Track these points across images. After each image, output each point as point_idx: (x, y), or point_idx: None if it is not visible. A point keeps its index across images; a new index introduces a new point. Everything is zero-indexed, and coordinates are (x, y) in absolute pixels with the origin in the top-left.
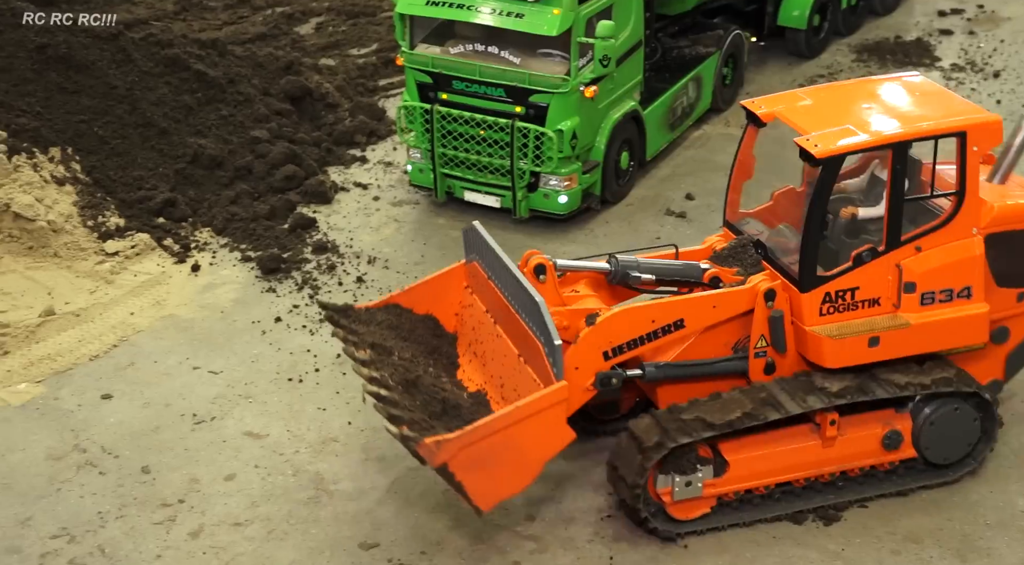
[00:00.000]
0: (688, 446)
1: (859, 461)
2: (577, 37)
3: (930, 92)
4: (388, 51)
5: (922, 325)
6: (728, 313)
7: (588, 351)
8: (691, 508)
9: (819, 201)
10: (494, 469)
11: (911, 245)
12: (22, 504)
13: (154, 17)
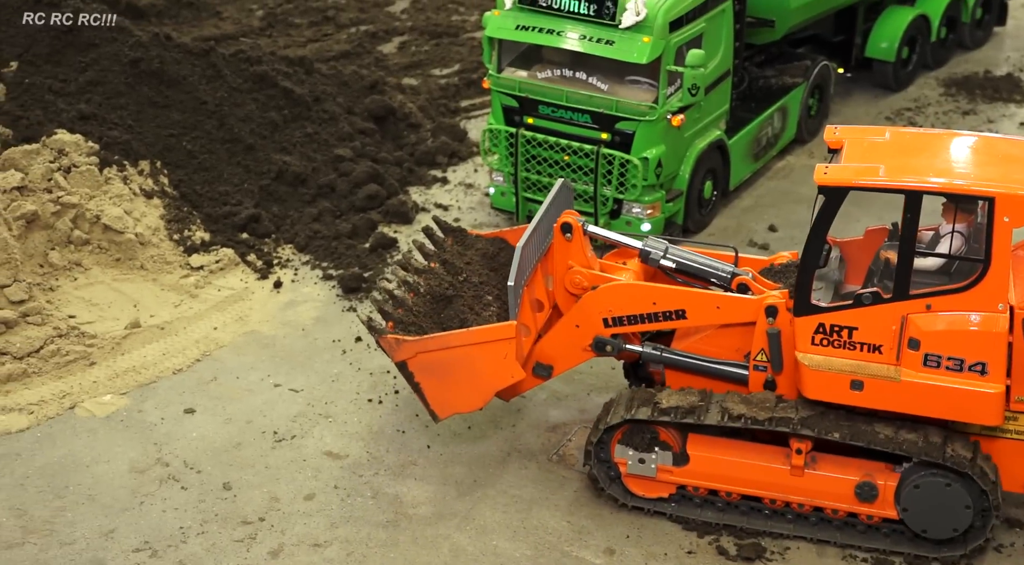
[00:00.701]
0: (648, 425)
1: (829, 501)
2: (667, 65)
3: (1016, 158)
4: (470, 72)
5: (916, 385)
6: (731, 318)
7: (588, 312)
8: (650, 487)
9: (817, 229)
10: (449, 381)
11: (921, 301)
12: (106, 516)
13: (240, 33)
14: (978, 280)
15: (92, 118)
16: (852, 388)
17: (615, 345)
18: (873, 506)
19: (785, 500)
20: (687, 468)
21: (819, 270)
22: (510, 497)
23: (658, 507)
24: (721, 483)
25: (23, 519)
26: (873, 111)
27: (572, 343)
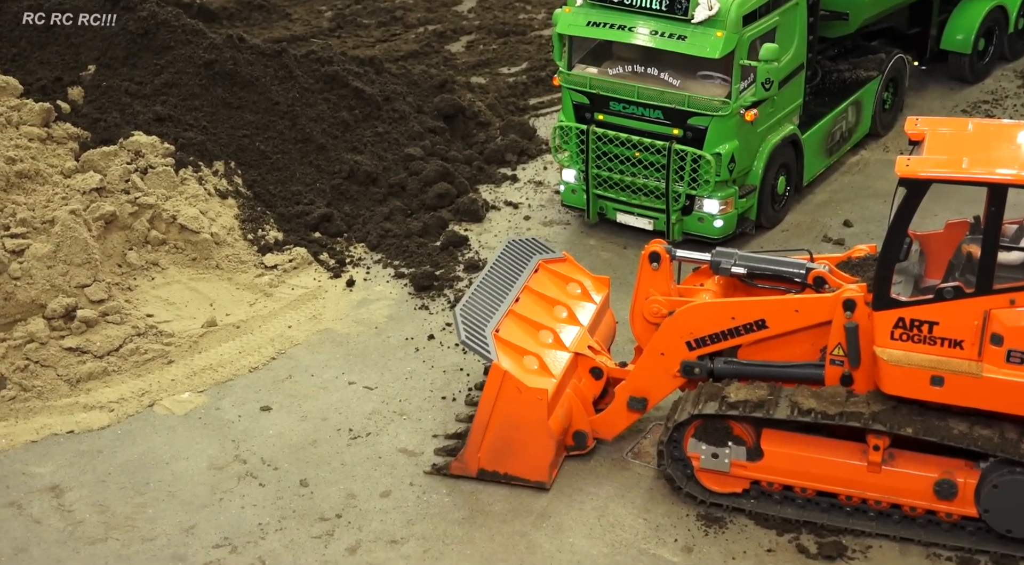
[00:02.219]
0: (723, 420)
1: (908, 498)
2: (739, 60)
3: None
4: (538, 70)
5: (998, 381)
6: (811, 320)
7: (669, 339)
8: (723, 482)
9: (898, 222)
10: (515, 449)
11: (1005, 296)
12: (186, 512)
13: (310, 34)
14: None
15: (168, 120)
16: (932, 384)
17: (703, 367)
18: (953, 504)
19: (862, 497)
20: (761, 463)
21: (898, 264)
22: (586, 494)
23: (733, 502)
24: (796, 479)
25: (105, 515)
26: (949, 104)
27: (661, 372)
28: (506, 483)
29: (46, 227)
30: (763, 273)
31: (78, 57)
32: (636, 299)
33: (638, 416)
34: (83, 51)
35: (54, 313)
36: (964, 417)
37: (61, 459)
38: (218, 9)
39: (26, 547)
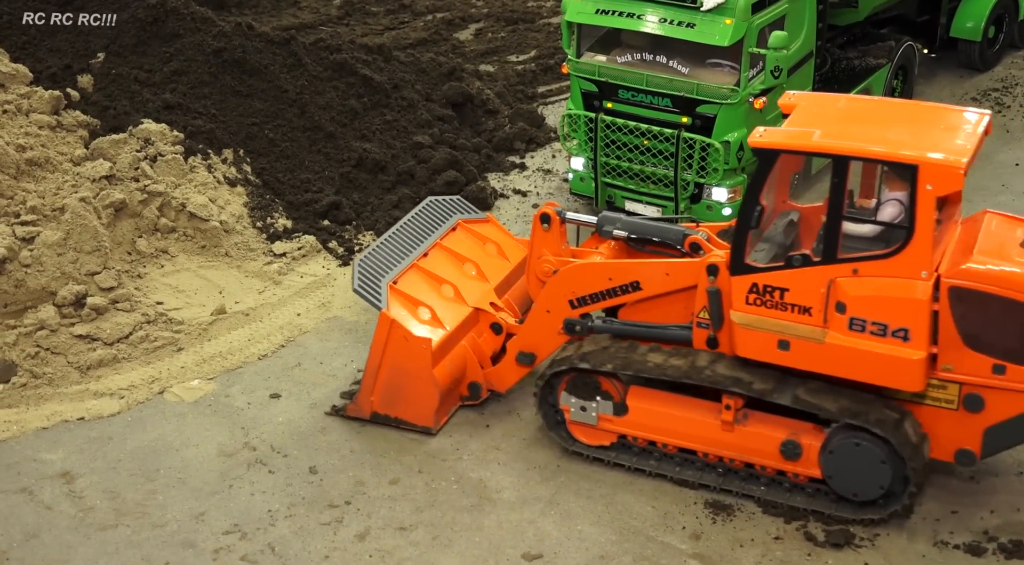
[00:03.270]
0: (592, 375)
1: (757, 458)
2: (749, 47)
3: (958, 127)
4: (547, 58)
5: (840, 347)
6: (680, 283)
7: (553, 297)
8: (592, 435)
9: (752, 191)
10: (404, 395)
11: (849, 265)
12: (196, 499)
13: (319, 22)
14: (902, 247)
15: (177, 108)
16: (779, 348)
17: (584, 325)
18: (798, 465)
19: (718, 454)
20: (626, 418)
21: (768, 232)
22: (593, 482)
23: (599, 454)
24: (658, 435)
25: (116, 501)
26: (959, 92)
27: (547, 328)
28: (396, 427)
29: (56, 215)
30: (644, 238)
31: (88, 45)
32: (530, 259)
33: (527, 370)
34: (92, 39)
35: (64, 300)
36: (817, 383)
37: (71, 446)
38: None
39: (37, 533)
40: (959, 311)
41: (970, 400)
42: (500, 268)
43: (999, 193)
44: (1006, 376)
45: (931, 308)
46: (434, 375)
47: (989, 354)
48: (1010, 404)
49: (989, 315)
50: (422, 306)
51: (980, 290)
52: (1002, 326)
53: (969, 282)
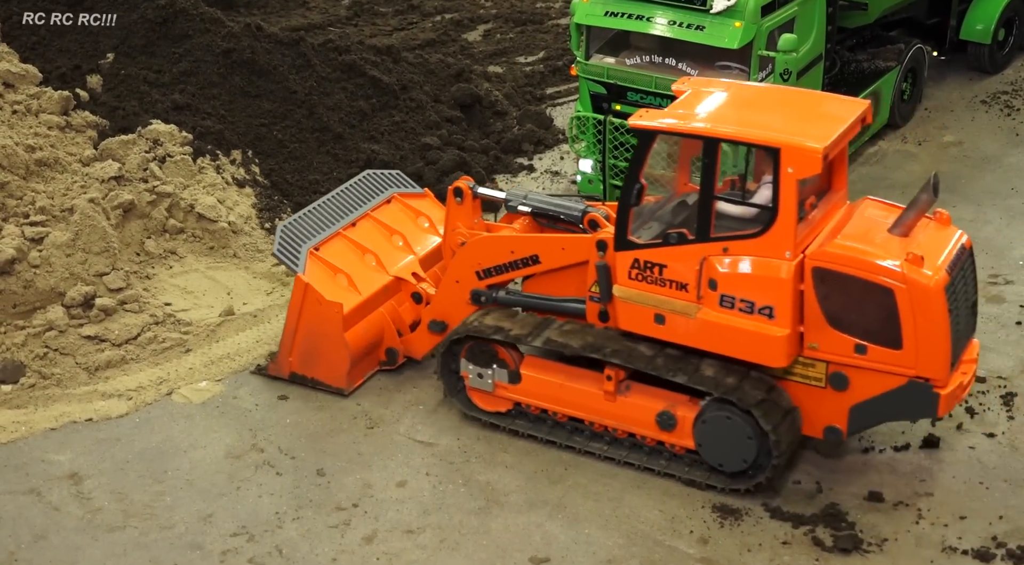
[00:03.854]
0: (489, 343)
1: (636, 427)
2: (758, 50)
3: (828, 115)
4: (555, 59)
5: (710, 323)
6: (575, 258)
7: (462, 268)
8: (489, 402)
9: (632, 169)
10: (319, 356)
11: (720, 244)
12: (204, 501)
13: (328, 22)
14: (767, 228)
15: (186, 108)
16: (656, 322)
17: (489, 296)
18: (673, 435)
19: (602, 424)
20: (520, 386)
21: (660, 211)
22: (601, 485)
23: (496, 420)
24: (549, 403)
25: (124, 503)
26: (968, 94)
27: (456, 298)
28: (312, 387)
29: (65, 215)
30: (547, 213)
31: (97, 45)
32: (445, 232)
33: (440, 338)
34: (102, 39)
35: (73, 301)
36: (693, 357)
37: (80, 447)
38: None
39: (45, 534)
40: (822, 291)
41: (835, 378)
42: (428, 241)
43: (1008, 196)
44: (867, 356)
45: (795, 287)
46: (345, 339)
47: (851, 334)
48: (873, 383)
49: (850, 296)
50: (340, 273)
51: (840, 271)
52: (862, 307)
53: (830, 263)
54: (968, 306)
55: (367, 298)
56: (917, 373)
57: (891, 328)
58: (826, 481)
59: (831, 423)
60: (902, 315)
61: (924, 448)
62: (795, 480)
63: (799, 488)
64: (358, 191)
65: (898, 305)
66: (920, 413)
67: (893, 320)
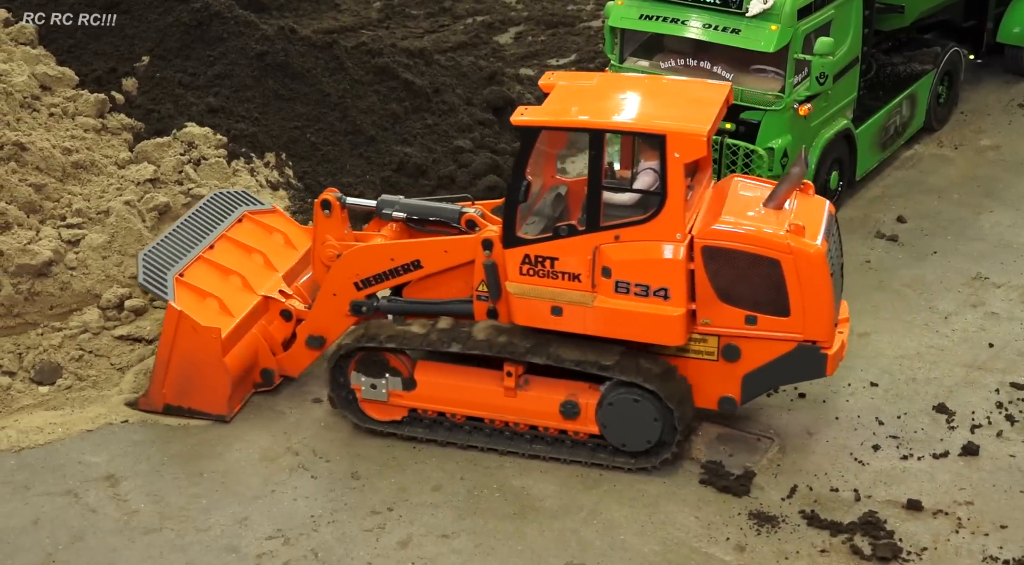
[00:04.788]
0: (379, 353)
1: (539, 420)
2: (794, 54)
3: (702, 99)
4: (587, 62)
5: (607, 310)
6: (458, 259)
7: (339, 280)
8: (383, 411)
9: (517, 167)
10: (196, 384)
11: (611, 232)
12: (239, 503)
13: (359, 25)
14: (657, 212)
15: (220, 111)
16: (553, 314)
17: (370, 306)
18: (577, 423)
19: (503, 420)
20: (415, 392)
21: (539, 207)
22: (636, 491)
23: (391, 429)
24: (446, 406)
25: (160, 505)
26: (1005, 98)
27: (334, 311)
28: (190, 416)
29: (101, 217)
30: (423, 218)
31: (132, 48)
32: (314, 245)
33: (318, 353)
34: (137, 42)
35: (108, 303)
36: (589, 345)
37: (116, 449)
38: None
39: (82, 536)
40: (712, 268)
41: (728, 350)
42: (288, 257)
43: None
44: (757, 326)
45: (687, 267)
46: (225, 363)
47: (741, 306)
48: (763, 351)
49: (738, 270)
50: (209, 297)
51: (728, 248)
52: (750, 280)
53: (718, 241)
54: (839, 268)
55: (241, 320)
56: (805, 337)
57: (779, 297)
58: (864, 489)
59: (725, 393)
60: (789, 284)
61: (963, 456)
62: (832, 487)
63: (837, 496)
64: (208, 213)
65: (785, 275)
66: (810, 374)
67: (781, 289)
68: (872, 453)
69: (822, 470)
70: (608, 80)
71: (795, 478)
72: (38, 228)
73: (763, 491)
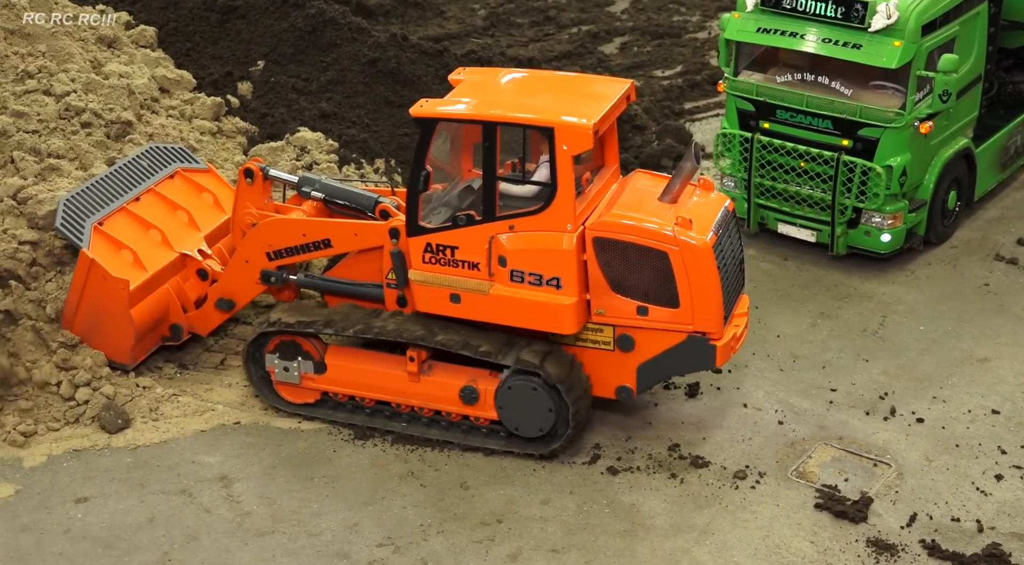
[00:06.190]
0: (293, 337)
1: (440, 404)
2: (917, 70)
3: (598, 94)
4: (694, 73)
5: (502, 297)
6: (367, 243)
7: (252, 248)
8: (297, 394)
9: (416, 157)
10: (103, 330)
11: (506, 222)
12: (349, 509)
13: (464, 33)
14: (548, 203)
15: (332, 117)
16: (452, 301)
17: (278, 277)
18: (476, 408)
19: (408, 404)
20: (326, 376)
21: (448, 197)
22: (749, 513)
23: (306, 412)
24: (355, 390)
25: (272, 507)
26: None
27: (245, 277)
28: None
29: None
30: (340, 200)
31: (248, 53)
32: (235, 212)
33: (227, 316)
34: (253, 47)
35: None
36: (489, 332)
37: (229, 450)
38: (374, 6)
39: (197, 536)
40: (603, 259)
41: (622, 340)
42: (213, 217)
43: None
44: (649, 317)
45: (579, 258)
46: (131, 315)
47: (633, 297)
48: (656, 342)
49: (629, 262)
50: (125, 248)
51: (618, 239)
52: (640, 271)
53: (608, 232)
54: (736, 263)
55: (153, 274)
56: (695, 328)
57: (668, 289)
58: (987, 520)
59: (622, 383)
60: (677, 276)
61: None
62: (954, 517)
63: (958, 526)
64: (141, 165)
65: (672, 266)
66: (700, 365)
67: (669, 281)
68: (995, 483)
69: (942, 498)
70: (512, 76)
71: (914, 506)
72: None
73: (881, 518)
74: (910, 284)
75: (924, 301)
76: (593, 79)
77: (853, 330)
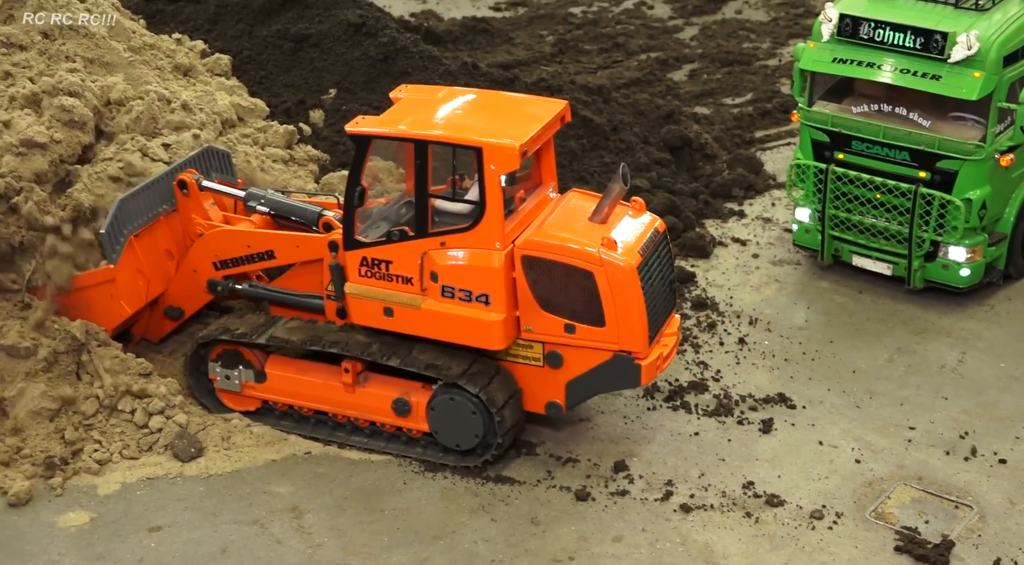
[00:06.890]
0: (234, 346)
1: (375, 416)
2: (998, 102)
3: (531, 115)
4: (764, 101)
5: (433, 312)
6: (308, 255)
7: (199, 257)
8: (238, 401)
9: (351, 173)
10: (84, 316)
11: (437, 239)
12: (420, 543)
13: (532, 59)
14: (477, 222)
15: None
16: (385, 314)
17: (225, 286)
18: (409, 420)
19: (345, 414)
20: (266, 385)
21: (387, 212)
22: (827, 555)
23: (250, 419)
24: (294, 399)
25: (343, 540)
26: None
27: (193, 286)
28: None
29: None
30: (285, 213)
31: (320, 81)
32: (182, 223)
33: (176, 324)
34: (325, 75)
35: None
36: (426, 346)
37: (299, 480)
38: (443, 32)
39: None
40: (531, 277)
41: (551, 357)
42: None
43: None
44: (576, 335)
45: (508, 275)
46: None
47: (560, 315)
48: (584, 359)
49: (556, 280)
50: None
51: (545, 258)
52: (567, 290)
53: (536, 251)
54: (666, 284)
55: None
56: (620, 347)
57: (594, 307)
58: None
59: (551, 399)
60: (602, 295)
61: None
62: None
63: None
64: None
65: (598, 286)
66: (626, 383)
67: (595, 300)
68: None
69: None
70: (452, 94)
71: (998, 550)
72: None
73: (963, 562)
74: (989, 319)
75: (1004, 337)
76: (529, 100)
77: (931, 366)
